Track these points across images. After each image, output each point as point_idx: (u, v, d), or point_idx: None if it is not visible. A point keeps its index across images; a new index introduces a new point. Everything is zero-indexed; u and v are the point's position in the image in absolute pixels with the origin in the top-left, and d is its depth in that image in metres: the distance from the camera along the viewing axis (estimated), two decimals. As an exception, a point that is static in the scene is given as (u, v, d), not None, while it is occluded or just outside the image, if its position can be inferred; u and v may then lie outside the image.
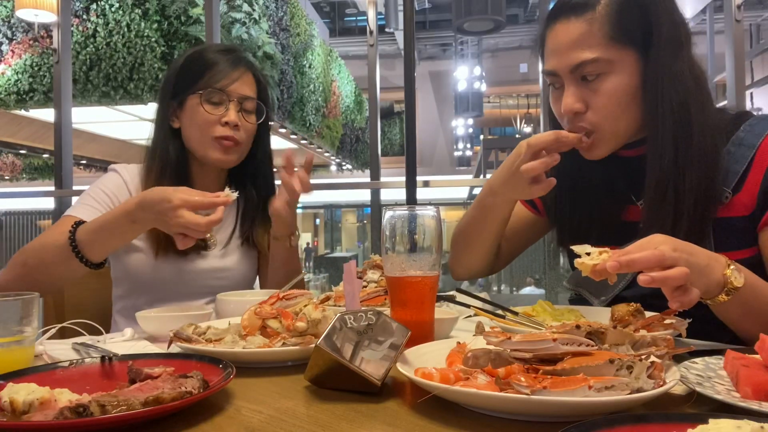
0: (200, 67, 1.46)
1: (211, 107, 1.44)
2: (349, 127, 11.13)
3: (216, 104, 1.44)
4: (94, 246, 1.25)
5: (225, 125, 1.43)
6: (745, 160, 1.07)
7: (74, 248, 1.24)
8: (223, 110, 1.44)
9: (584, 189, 1.25)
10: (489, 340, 0.72)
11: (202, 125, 1.43)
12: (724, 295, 0.89)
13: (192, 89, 1.45)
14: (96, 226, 1.25)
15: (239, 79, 1.46)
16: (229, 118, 1.43)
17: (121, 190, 1.48)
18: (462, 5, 7.15)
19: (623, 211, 1.23)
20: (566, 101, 1.11)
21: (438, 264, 0.95)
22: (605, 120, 1.10)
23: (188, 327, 0.96)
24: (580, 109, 1.10)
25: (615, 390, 0.61)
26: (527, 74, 15.88)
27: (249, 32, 5.81)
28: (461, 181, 10.34)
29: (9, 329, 0.86)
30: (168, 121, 1.49)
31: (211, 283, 1.49)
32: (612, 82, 1.08)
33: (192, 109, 1.45)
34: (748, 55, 7.43)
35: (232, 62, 1.47)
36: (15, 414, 0.62)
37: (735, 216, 1.07)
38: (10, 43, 5.82)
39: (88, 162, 11.89)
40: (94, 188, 1.47)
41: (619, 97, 1.09)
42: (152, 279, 1.47)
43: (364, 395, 0.74)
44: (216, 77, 1.44)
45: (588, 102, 1.10)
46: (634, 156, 1.19)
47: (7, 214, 12.42)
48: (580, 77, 1.10)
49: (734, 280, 0.89)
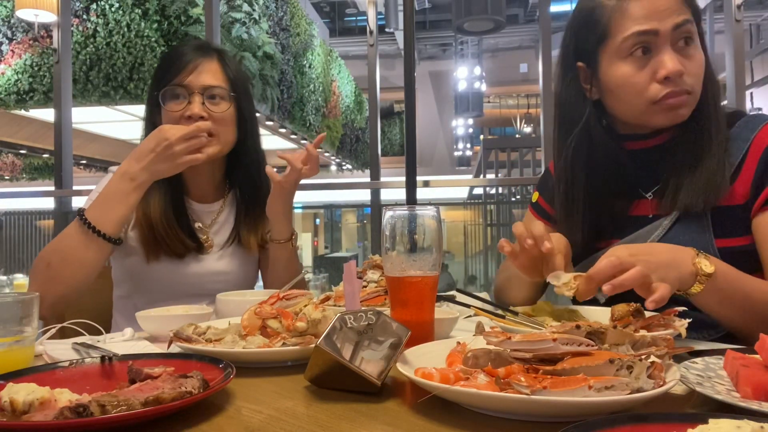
0: (165, 64, 1.45)
1: (174, 104, 1.41)
2: (349, 127, 11.13)
3: (179, 99, 1.41)
4: (105, 218, 1.26)
5: (188, 119, 1.38)
6: (740, 153, 1.12)
7: (88, 226, 1.25)
8: (185, 104, 1.40)
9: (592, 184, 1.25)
10: (489, 340, 0.72)
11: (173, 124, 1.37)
12: (698, 284, 0.94)
13: (157, 88, 1.43)
14: (100, 199, 1.27)
15: (198, 68, 1.41)
16: (191, 111, 1.38)
17: None
18: (462, 5, 7.15)
19: (631, 205, 1.24)
20: (673, 62, 1.10)
21: (438, 264, 0.95)
22: (698, 84, 1.15)
23: (188, 327, 0.96)
24: (683, 70, 1.12)
25: (615, 390, 0.61)
26: (527, 74, 15.88)
27: (249, 32, 5.81)
28: (461, 181, 10.33)
29: (9, 329, 0.86)
30: (153, 120, 1.47)
31: (208, 286, 1.47)
32: (698, 50, 1.15)
33: (163, 111, 1.43)
34: (748, 55, 7.44)
35: (192, 52, 1.43)
36: (15, 414, 0.62)
37: (731, 205, 1.12)
38: (10, 43, 5.82)
39: (88, 162, 11.89)
40: (99, 188, 1.45)
41: (703, 64, 1.15)
42: (149, 282, 1.46)
43: (364, 395, 0.74)
44: (175, 71, 1.41)
45: (684, 66, 1.12)
46: (643, 149, 1.22)
47: (7, 214, 12.41)
48: (676, 40, 1.12)
49: (704, 267, 0.94)
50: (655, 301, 0.86)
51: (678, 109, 1.13)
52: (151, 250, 1.42)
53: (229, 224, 1.57)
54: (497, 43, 16.09)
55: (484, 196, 10.23)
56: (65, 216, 3.75)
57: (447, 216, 13.45)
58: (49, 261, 1.27)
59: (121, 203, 1.27)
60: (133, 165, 1.27)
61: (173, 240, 1.43)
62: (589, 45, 1.18)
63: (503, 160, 10.19)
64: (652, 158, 1.21)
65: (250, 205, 1.56)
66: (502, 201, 9.47)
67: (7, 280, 7.12)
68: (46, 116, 7.38)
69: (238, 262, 1.55)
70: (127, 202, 1.28)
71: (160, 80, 1.44)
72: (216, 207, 1.57)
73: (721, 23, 5.57)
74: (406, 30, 3.11)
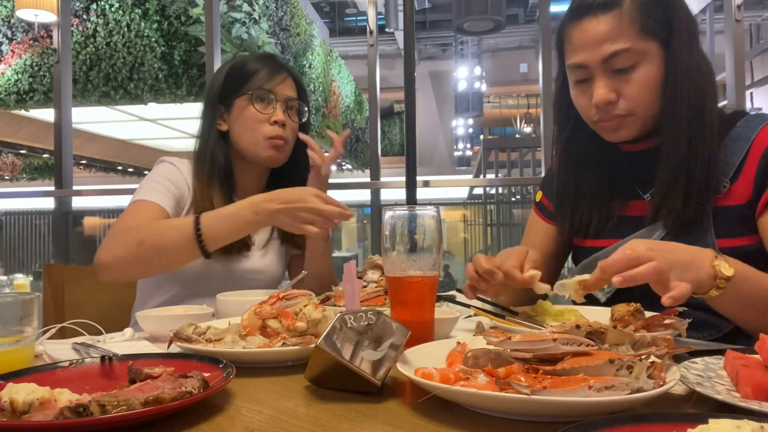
0: (246, 72, 1.54)
1: (261, 106, 1.52)
2: (349, 127, 11.13)
3: (264, 103, 1.52)
4: (216, 234, 1.30)
5: (274, 124, 1.51)
6: (742, 152, 1.12)
7: (198, 235, 1.28)
8: (271, 110, 1.52)
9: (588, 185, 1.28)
10: (489, 340, 0.72)
11: (253, 124, 1.51)
12: (716, 288, 0.91)
13: (240, 92, 1.52)
14: (221, 215, 1.31)
15: (283, 82, 1.55)
16: (278, 116, 1.52)
17: (181, 182, 1.51)
18: (462, 5, 7.15)
19: (628, 206, 1.25)
20: (600, 92, 1.14)
21: (438, 264, 0.95)
22: (638, 107, 1.14)
23: (188, 327, 0.96)
24: (613, 98, 1.14)
25: (615, 390, 0.61)
26: (527, 74, 15.88)
27: (249, 32, 5.81)
28: (461, 181, 10.31)
29: (9, 329, 0.86)
30: (215, 124, 1.55)
31: (250, 283, 1.53)
32: (642, 71, 1.13)
33: (241, 110, 1.53)
34: (748, 55, 7.44)
35: (276, 67, 1.56)
36: (15, 414, 0.62)
37: (733, 205, 1.11)
38: (10, 43, 5.82)
39: (88, 162, 11.89)
40: (156, 176, 1.50)
41: (650, 85, 1.14)
42: (204, 280, 1.49)
43: (364, 395, 0.74)
44: (262, 79, 1.53)
45: (620, 91, 1.14)
46: (640, 150, 1.23)
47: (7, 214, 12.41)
48: (611, 69, 1.13)
49: (724, 269, 0.91)
50: (672, 298, 0.83)
51: (617, 130, 1.17)
52: None
53: None
54: (497, 43, 16.09)
55: (484, 196, 10.24)
56: (65, 216, 3.75)
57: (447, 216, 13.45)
58: (143, 239, 1.29)
59: (236, 227, 1.31)
60: (266, 203, 1.30)
61: None
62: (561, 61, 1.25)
63: (503, 160, 10.18)
64: (647, 160, 1.21)
65: None
66: (502, 201, 9.47)
67: (7, 280, 7.13)
68: (46, 116, 7.38)
69: (276, 260, 1.64)
70: (241, 230, 1.33)
71: (242, 83, 1.53)
72: None
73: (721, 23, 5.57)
74: (406, 30, 3.11)
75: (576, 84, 1.20)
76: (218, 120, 1.56)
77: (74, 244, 3.87)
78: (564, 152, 1.31)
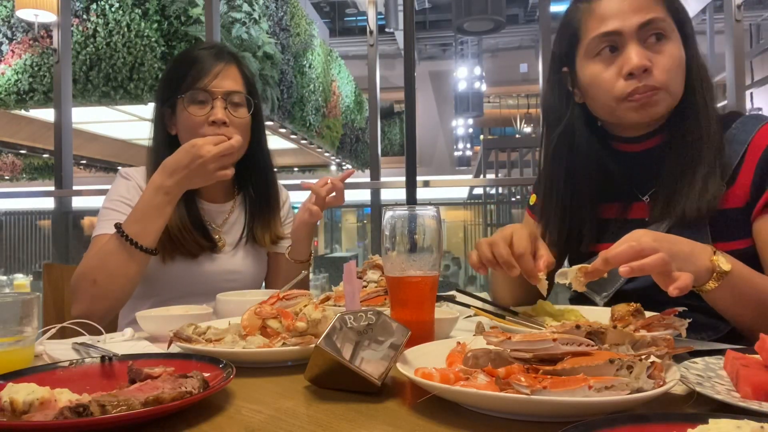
0: (183, 68, 1.45)
1: (197, 108, 1.42)
2: (349, 127, 11.13)
3: (201, 104, 1.42)
4: (144, 232, 1.30)
5: (213, 124, 1.40)
6: (738, 155, 1.11)
7: (130, 241, 1.28)
8: (208, 109, 1.41)
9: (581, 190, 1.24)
10: (489, 340, 0.72)
11: (191, 128, 1.41)
12: (714, 281, 0.92)
13: (177, 93, 1.43)
14: (137, 215, 1.31)
15: (221, 74, 1.43)
16: (216, 116, 1.40)
17: (137, 192, 1.48)
18: (462, 5, 7.15)
19: (628, 208, 1.23)
20: (637, 57, 1.10)
21: (438, 264, 0.95)
22: (671, 80, 1.12)
23: (188, 327, 0.95)
24: (648, 65, 1.11)
25: (615, 390, 0.61)
26: (527, 74, 15.87)
27: (249, 32, 5.81)
28: (461, 181, 10.34)
29: (9, 329, 0.86)
30: (165, 128, 1.49)
31: (222, 285, 1.48)
32: (672, 46, 1.13)
33: (180, 114, 1.44)
34: (748, 55, 7.43)
35: (213, 57, 1.45)
36: (15, 414, 0.62)
37: (729, 208, 1.11)
38: (10, 43, 5.82)
39: (88, 162, 11.89)
40: (110, 201, 1.47)
41: (679, 62, 1.13)
42: (165, 282, 1.47)
43: (364, 395, 0.74)
44: (197, 76, 1.42)
45: (653, 61, 1.12)
46: (639, 151, 1.21)
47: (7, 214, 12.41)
48: (644, 38, 1.12)
49: (722, 264, 0.92)
50: (678, 288, 0.83)
51: (648, 107, 1.12)
52: (166, 250, 1.44)
53: (240, 224, 1.60)
54: (497, 43, 16.09)
55: (484, 196, 10.24)
56: (65, 216, 3.75)
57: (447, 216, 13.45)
58: (95, 278, 1.30)
59: (159, 216, 1.31)
60: (167, 179, 1.29)
61: (188, 240, 1.45)
62: (567, 48, 1.21)
63: (503, 160, 10.18)
64: (646, 162, 1.20)
65: (264, 205, 1.60)
66: (502, 201, 9.47)
67: (7, 280, 7.13)
68: (46, 116, 7.38)
69: (250, 260, 1.59)
70: (164, 215, 1.32)
71: (178, 83, 1.44)
72: (227, 207, 1.60)
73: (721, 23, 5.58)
74: (406, 30, 3.11)
75: (599, 58, 1.15)
76: (168, 124, 1.48)
77: (74, 244, 3.86)
78: (553, 156, 1.26)
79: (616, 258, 0.86)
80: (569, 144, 1.23)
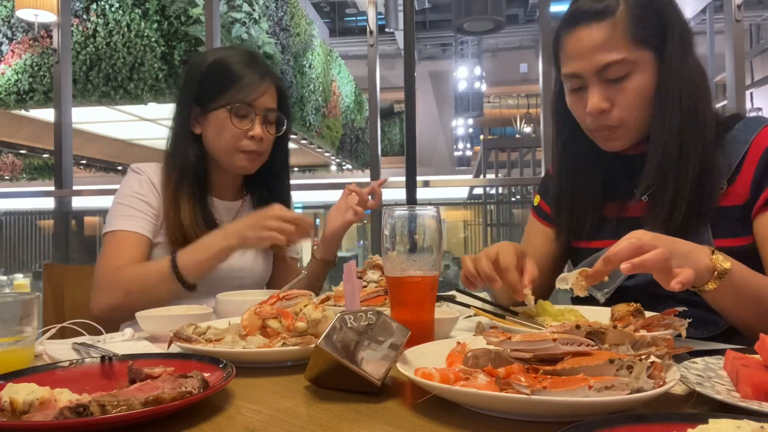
0: (227, 78, 1.48)
1: (239, 121, 1.47)
2: (349, 127, 11.13)
3: (242, 117, 1.48)
4: (193, 268, 1.37)
5: (251, 138, 1.48)
6: (739, 154, 1.13)
7: (177, 274, 1.35)
8: (248, 123, 1.48)
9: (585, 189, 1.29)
10: (489, 340, 0.72)
11: (229, 138, 1.47)
12: (714, 281, 0.93)
13: (219, 101, 1.47)
14: (194, 249, 1.38)
15: (266, 93, 1.50)
16: (255, 132, 1.48)
17: (151, 191, 1.50)
18: (462, 5, 7.14)
19: (625, 207, 1.26)
20: (594, 101, 1.14)
21: (438, 264, 0.95)
22: (630, 116, 1.15)
23: (188, 327, 0.96)
24: (606, 107, 1.15)
25: (615, 390, 0.61)
26: (527, 74, 15.87)
27: (249, 32, 5.81)
28: (461, 181, 10.33)
29: (9, 329, 0.86)
30: (189, 126, 1.51)
31: (230, 283, 1.51)
32: (636, 80, 1.13)
33: (219, 122, 1.48)
34: (748, 55, 7.43)
35: (259, 75, 1.50)
36: (15, 414, 0.62)
37: (730, 205, 1.12)
38: (10, 43, 5.82)
39: (88, 162, 11.89)
40: (125, 196, 1.48)
41: (643, 93, 1.14)
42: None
43: (364, 395, 0.74)
44: (244, 91, 1.47)
45: (613, 100, 1.15)
46: (639, 154, 1.23)
47: (7, 214, 12.42)
48: (605, 78, 1.14)
49: (721, 262, 0.93)
50: (681, 282, 0.84)
51: (609, 141, 1.19)
52: (178, 244, 1.44)
53: None
54: (497, 43, 16.09)
55: (484, 196, 10.24)
56: (65, 216, 3.75)
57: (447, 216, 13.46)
58: (129, 289, 1.35)
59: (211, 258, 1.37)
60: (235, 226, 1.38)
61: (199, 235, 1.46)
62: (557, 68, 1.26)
63: (503, 160, 10.18)
64: (643, 163, 1.20)
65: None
66: (502, 201, 9.47)
67: (7, 280, 7.12)
68: (46, 116, 7.38)
69: (260, 260, 1.63)
70: (215, 259, 1.38)
71: (219, 90, 1.47)
72: (237, 205, 1.63)
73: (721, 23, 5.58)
74: (406, 30, 3.11)
75: (571, 92, 1.21)
76: (192, 122, 1.51)
77: (74, 244, 3.86)
78: (561, 156, 1.33)
79: (616, 256, 0.88)
80: (577, 145, 1.28)
